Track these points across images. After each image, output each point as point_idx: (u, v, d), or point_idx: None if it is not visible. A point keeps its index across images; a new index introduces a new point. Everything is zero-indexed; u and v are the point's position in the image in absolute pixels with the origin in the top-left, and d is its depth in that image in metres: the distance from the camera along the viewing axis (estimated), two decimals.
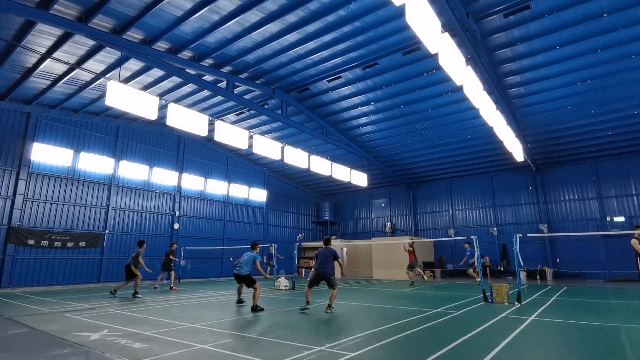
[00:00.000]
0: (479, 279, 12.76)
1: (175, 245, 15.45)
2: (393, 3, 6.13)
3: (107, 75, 12.55)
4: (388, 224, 26.77)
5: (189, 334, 5.83)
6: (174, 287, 14.17)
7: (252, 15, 10.44)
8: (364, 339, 5.46)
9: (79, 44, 11.33)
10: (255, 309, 8.28)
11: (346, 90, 15.10)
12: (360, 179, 20.33)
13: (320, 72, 13.77)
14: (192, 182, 21.04)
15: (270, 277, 9.11)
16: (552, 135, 17.40)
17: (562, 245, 19.95)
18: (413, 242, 16.98)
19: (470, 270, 15.03)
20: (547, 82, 13.37)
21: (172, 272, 14.54)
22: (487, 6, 10.07)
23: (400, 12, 9.51)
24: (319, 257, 8.53)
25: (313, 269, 8.65)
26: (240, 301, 9.35)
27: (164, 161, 19.83)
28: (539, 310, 8.12)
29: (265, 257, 17.41)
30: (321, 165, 17.24)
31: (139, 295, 11.26)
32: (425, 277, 18.50)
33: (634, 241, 10.44)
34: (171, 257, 14.58)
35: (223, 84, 13.55)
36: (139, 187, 18.52)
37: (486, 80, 11.11)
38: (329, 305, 8.15)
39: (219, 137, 12.58)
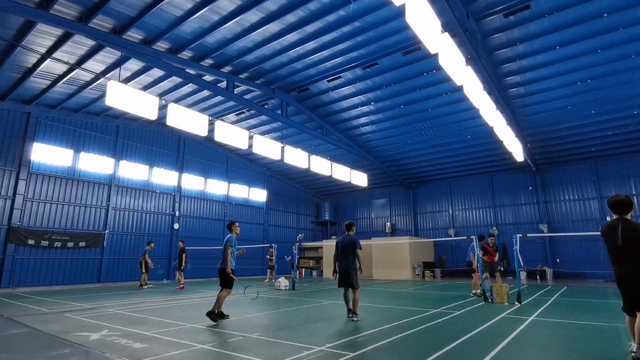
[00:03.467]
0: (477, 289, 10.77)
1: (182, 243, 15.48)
2: (393, 3, 6.13)
3: (107, 75, 12.55)
4: (388, 224, 26.76)
5: (189, 334, 5.83)
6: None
7: (252, 15, 10.44)
8: (364, 339, 5.46)
9: (79, 44, 11.33)
10: (212, 314, 6.76)
11: (346, 90, 15.10)
12: (360, 179, 20.33)
13: (320, 72, 13.77)
14: (192, 182, 21.04)
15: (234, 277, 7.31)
16: (552, 135, 17.40)
17: (562, 245, 19.95)
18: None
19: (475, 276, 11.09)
20: (547, 82, 13.37)
21: None
22: (487, 6, 10.07)
23: (400, 12, 9.51)
24: (338, 249, 7.13)
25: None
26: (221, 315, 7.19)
27: (164, 161, 19.83)
28: (539, 310, 8.12)
29: (289, 256, 17.72)
30: (321, 165, 17.24)
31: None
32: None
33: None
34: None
35: (223, 84, 13.55)
36: (139, 187, 18.52)
37: (486, 80, 11.11)
38: (354, 312, 6.95)
39: (219, 137, 12.58)
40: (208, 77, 13.49)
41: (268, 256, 17.97)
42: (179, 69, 12.20)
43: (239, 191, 23.83)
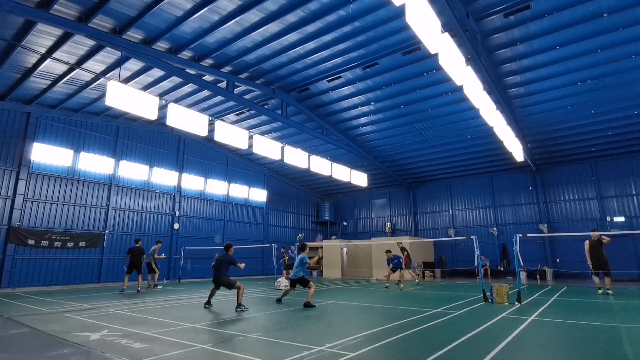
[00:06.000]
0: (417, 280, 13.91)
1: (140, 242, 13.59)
2: (393, 3, 6.13)
3: (107, 75, 12.56)
4: (388, 224, 26.77)
5: (189, 334, 5.82)
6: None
7: (252, 15, 10.45)
8: (364, 339, 5.46)
9: (79, 44, 11.33)
10: (307, 304, 9.00)
11: (346, 90, 15.10)
12: (360, 179, 20.33)
13: (320, 72, 13.77)
14: (192, 182, 21.04)
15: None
16: (552, 135, 17.41)
17: (562, 245, 19.95)
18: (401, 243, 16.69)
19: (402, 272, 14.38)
20: (547, 82, 13.38)
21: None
22: (487, 6, 10.08)
23: (400, 12, 9.51)
24: (216, 262, 8.98)
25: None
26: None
27: (164, 161, 19.82)
28: (539, 310, 8.12)
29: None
30: (321, 165, 17.24)
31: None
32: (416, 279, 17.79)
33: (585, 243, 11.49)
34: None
35: (223, 84, 13.55)
36: (139, 187, 18.52)
37: (486, 80, 11.11)
38: (239, 304, 8.41)
39: (219, 137, 12.58)
40: (208, 77, 13.49)
41: (283, 258, 17.65)
42: (179, 69, 12.20)
43: (239, 191, 23.83)
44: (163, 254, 15.03)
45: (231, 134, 12.89)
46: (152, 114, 10.14)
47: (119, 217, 17.51)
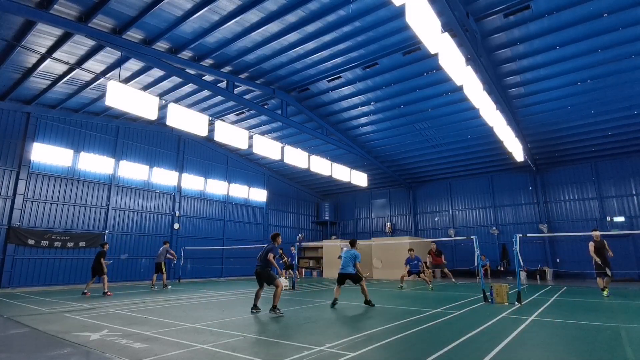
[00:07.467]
0: (430, 285, 13.96)
1: (107, 246, 13.00)
2: (393, 3, 6.13)
3: (107, 75, 12.55)
4: (388, 224, 26.77)
5: (189, 334, 5.83)
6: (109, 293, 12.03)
7: (252, 15, 10.45)
8: (364, 339, 5.46)
9: (79, 44, 11.33)
10: (368, 303, 8.99)
11: (346, 90, 15.10)
12: (360, 179, 20.32)
13: (320, 72, 13.77)
14: (192, 182, 21.04)
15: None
16: (552, 135, 17.41)
17: (562, 245, 19.95)
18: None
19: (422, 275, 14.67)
20: (547, 82, 13.38)
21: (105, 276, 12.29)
22: (487, 6, 10.08)
23: (400, 12, 9.51)
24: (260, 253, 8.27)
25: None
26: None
27: (164, 161, 19.82)
28: (539, 310, 8.12)
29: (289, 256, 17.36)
30: (321, 165, 17.23)
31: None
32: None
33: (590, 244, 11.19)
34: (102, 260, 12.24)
35: (223, 84, 13.55)
36: (139, 187, 18.51)
37: (486, 80, 11.11)
38: (273, 306, 7.71)
39: (219, 137, 12.58)
40: (208, 77, 13.48)
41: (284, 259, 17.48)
42: (179, 69, 12.20)
43: (239, 191, 23.82)
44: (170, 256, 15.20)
45: (231, 134, 12.89)
46: (152, 114, 10.14)
47: (119, 217, 17.50)
